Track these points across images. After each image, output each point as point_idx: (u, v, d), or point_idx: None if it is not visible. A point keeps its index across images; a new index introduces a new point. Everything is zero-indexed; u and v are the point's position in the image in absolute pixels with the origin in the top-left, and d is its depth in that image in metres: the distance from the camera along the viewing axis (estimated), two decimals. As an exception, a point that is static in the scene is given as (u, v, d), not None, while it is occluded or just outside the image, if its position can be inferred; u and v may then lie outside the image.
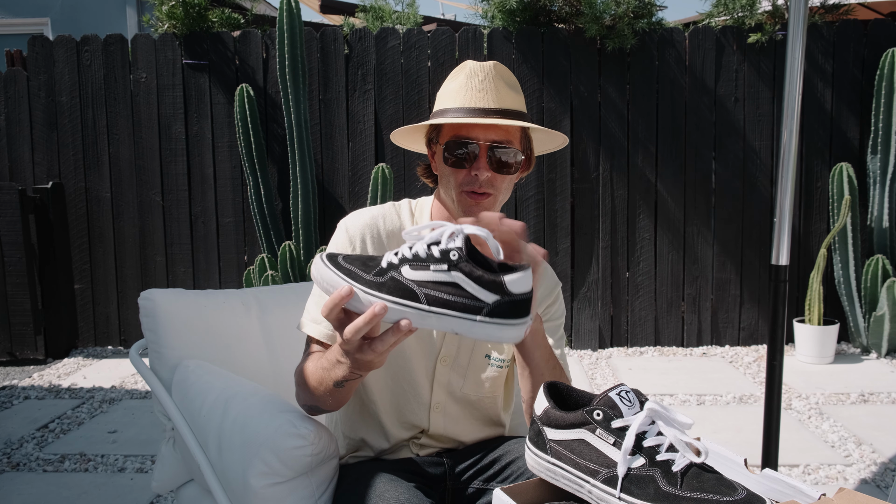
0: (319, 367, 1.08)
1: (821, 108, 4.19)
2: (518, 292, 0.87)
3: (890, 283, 3.80)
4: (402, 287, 0.87)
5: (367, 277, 0.88)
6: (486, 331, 0.87)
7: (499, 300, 0.86)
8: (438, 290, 0.86)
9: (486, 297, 0.86)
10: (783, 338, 2.07)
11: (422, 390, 1.30)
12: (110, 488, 2.58)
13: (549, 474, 0.88)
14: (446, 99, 1.24)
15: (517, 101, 1.23)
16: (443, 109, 1.23)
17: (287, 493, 1.17)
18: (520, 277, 0.87)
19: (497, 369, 1.32)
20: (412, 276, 0.87)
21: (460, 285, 0.86)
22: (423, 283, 0.86)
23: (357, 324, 0.87)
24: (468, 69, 1.23)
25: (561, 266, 4.29)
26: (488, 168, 1.19)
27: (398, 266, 0.88)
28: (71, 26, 7.65)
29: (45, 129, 4.37)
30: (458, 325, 0.87)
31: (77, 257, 4.42)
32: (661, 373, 3.85)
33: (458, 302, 0.86)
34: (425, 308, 0.86)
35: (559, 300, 1.37)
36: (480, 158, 1.19)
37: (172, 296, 1.52)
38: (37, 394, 3.64)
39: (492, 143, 1.19)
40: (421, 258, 0.88)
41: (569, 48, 4.20)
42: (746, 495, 0.77)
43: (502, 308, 0.86)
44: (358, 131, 4.28)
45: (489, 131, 1.20)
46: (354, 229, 1.27)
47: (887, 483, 2.52)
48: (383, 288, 0.87)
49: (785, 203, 2.04)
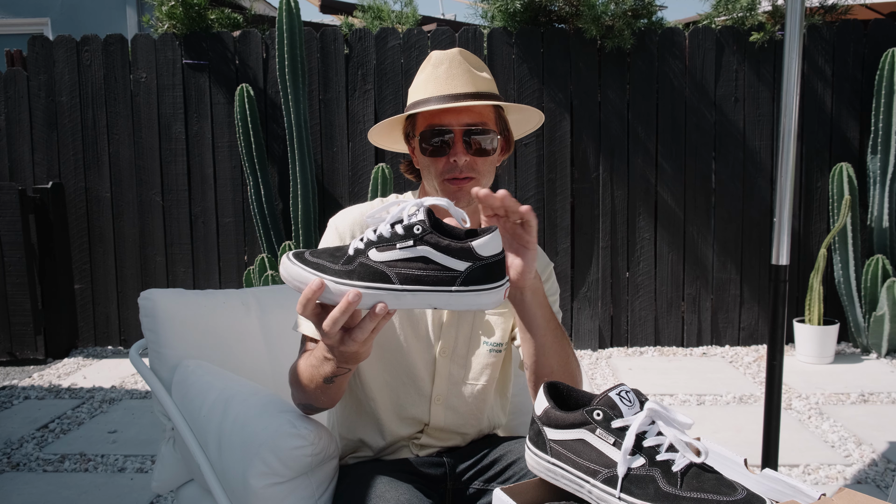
0: (309, 365, 1.08)
1: (821, 109, 4.19)
2: (489, 255, 0.85)
3: (890, 283, 3.80)
4: (372, 270, 0.85)
5: (335, 268, 0.87)
6: (464, 300, 0.85)
7: (471, 266, 0.84)
8: (408, 267, 0.85)
9: (458, 266, 0.84)
10: (783, 338, 2.07)
11: (422, 384, 1.30)
12: (110, 488, 2.58)
13: (549, 474, 0.88)
14: (416, 91, 1.25)
15: (486, 84, 1.24)
16: (414, 102, 1.24)
17: (287, 494, 1.17)
18: (488, 240, 0.86)
19: (495, 354, 1.32)
20: (380, 258, 0.86)
21: (429, 258, 0.85)
22: (391, 263, 0.85)
23: (333, 315, 0.86)
24: (433, 59, 1.24)
25: (561, 266, 4.29)
26: (466, 152, 1.20)
27: (365, 251, 0.87)
28: (71, 26, 7.65)
29: (45, 129, 4.37)
30: (435, 299, 0.85)
31: (77, 257, 4.43)
32: (661, 373, 3.85)
33: (430, 276, 0.84)
34: (398, 287, 0.85)
35: (552, 278, 1.37)
36: (457, 144, 1.20)
37: (172, 296, 1.52)
38: (37, 394, 3.64)
39: (466, 127, 1.20)
40: (386, 238, 0.86)
41: (569, 48, 4.20)
42: (746, 495, 0.77)
43: (476, 274, 0.85)
44: (358, 131, 4.28)
45: (462, 115, 1.20)
46: (344, 226, 1.27)
47: (887, 483, 2.52)
48: (353, 275, 0.86)
49: (785, 203, 2.04)
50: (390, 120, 1.31)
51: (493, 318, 1.32)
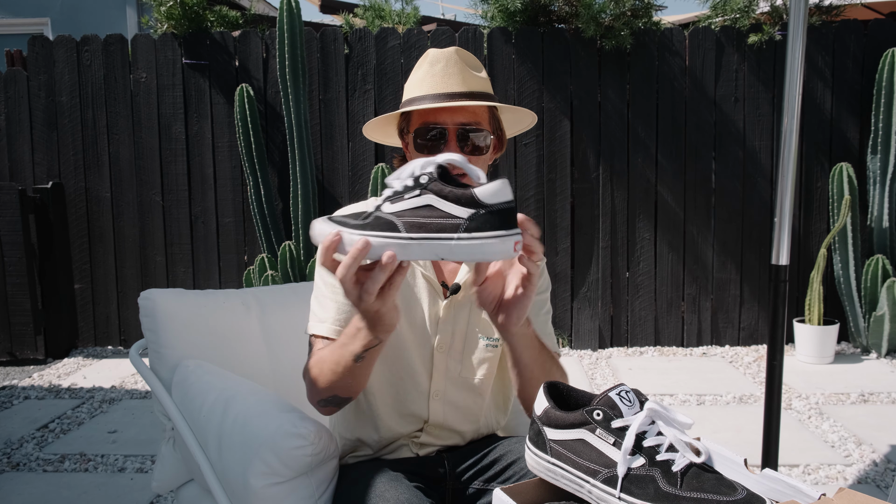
0: (336, 347, 1.09)
1: (820, 109, 4.19)
2: (495, 202, 0.85)
3: (890, 283, 3.80)
4: (383, 222, 0.88)
5: (354, 223, 0.91)
6: (469, 250, 0.85)
7: (474, 213, 0.85)
8: (414, 215, 0.87)
9: (461, 213, 0.85)
10: (783, 338, 2.07)
11: (420, 379, 1.30)
12: (110, 488, 2.58)
13: (549, 474, 0.88)
14: (412, 88, 1.26)
15: (482, 84, 1.25)
16: (410, 99, 1.25)
17: (287, 493, 1.17)
18: (495, 187, 0.86)
19: (492, 349, 1.33)
20: (391, 209, 0.88)
21: (433, 205, 0.86)
22: (400, 214, 0.87)
23: (345, 262, 0.89)
24: (430, 57, 1.25)
25: (561, 266, 4.29)
26: (459, 151, 1.21)
27: (380, 206, 0.90)
28: (71, 26, 7.65)
29: (45, 129, 4.37)
30: (440, 249, 0.86)
31: (77, 257, 4.43)
32: (661, 373, 3.85)
33: (433, 223, 0.86)
34: (405, 236, 0.87)
35: (544, 273, 1.37)
36: (450, 142, 1.22)
37: (172, 296, 1.52)
38: (37, 394, 3.64)
39: (460, 126, 1.22)
40: (399, 192, 0.90)
41: (569, 48, 4.20)
42: (746, 495, 0.77)
43: (480, 220, 0.85)
44: (358, 131, 4.28)
45: (456, 114, 1.22)
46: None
47: (887, 483, 2.52)
48: (367, 227, 0.89)
49: (785, 203, 2.04)
50: (385, 116, 1.33)
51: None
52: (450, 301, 1.29)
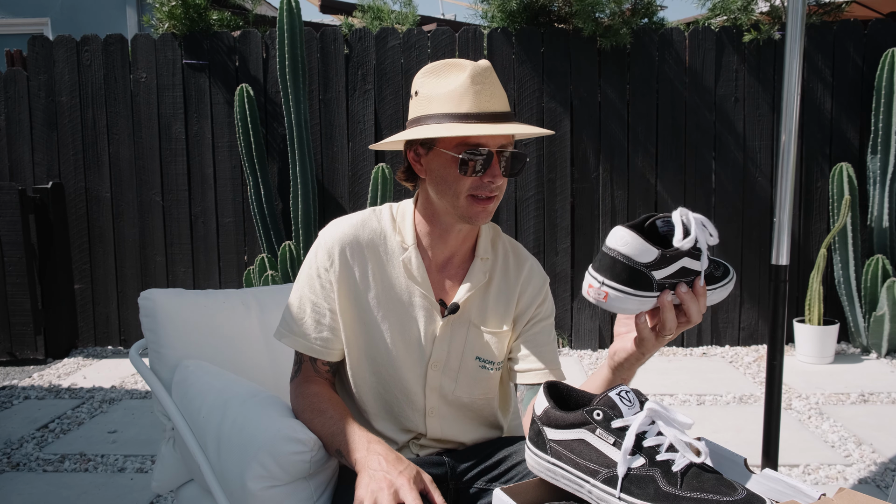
0: (327, 436, 1.18)
1: (820, 109, 4.19)
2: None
3: (890, 283, 3.80)
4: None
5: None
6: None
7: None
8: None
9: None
10: (783, 338, 2.07)
11: (415, 397, 1.29)
12: (110, 488, 2.58)
13: (549, 474, 0.88)
14: (451, 102, 1.16)
15: (508, 100, 1.23)
16: (447, 114, 1.16)
17: (285, 496, 1.17)
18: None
19: (489, 372, 1.31)
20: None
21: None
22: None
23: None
24: (470, 70, 1.16)
25: (561, 266, 4.29)
26: (501, 175, 1.18)
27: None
28: (71, 26, 7.65)
29: (45, 129, 4.37)
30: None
31: (77, 257, 4.43)
32: (661, 373, 3.85)
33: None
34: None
35: (548, 297, 1.37)
36: (494, 165, 1.17)
37: (172, 296, 1.52)
38: (37, 394, 3.64)
39: (503, 149, 1.18)
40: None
41: (569, 48, 4.20)
42: (746, 495, 0.77)
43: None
44: (358, 131, 4.28)
45: (498, 136, 1.18)
46: (332, 242, 1.26)
47: (887, 483, 2.52)
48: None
49: (785, 203, 2.04)
50: (436, 127, 1.17)
51: (489, 337, 1.31)
52: (447, 320, 1.28)
